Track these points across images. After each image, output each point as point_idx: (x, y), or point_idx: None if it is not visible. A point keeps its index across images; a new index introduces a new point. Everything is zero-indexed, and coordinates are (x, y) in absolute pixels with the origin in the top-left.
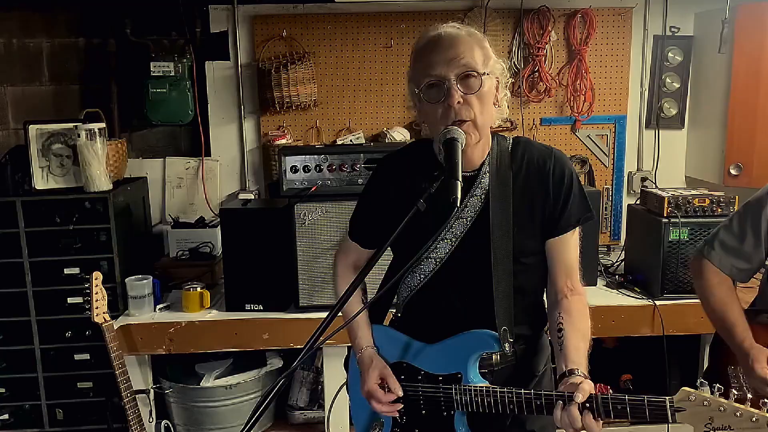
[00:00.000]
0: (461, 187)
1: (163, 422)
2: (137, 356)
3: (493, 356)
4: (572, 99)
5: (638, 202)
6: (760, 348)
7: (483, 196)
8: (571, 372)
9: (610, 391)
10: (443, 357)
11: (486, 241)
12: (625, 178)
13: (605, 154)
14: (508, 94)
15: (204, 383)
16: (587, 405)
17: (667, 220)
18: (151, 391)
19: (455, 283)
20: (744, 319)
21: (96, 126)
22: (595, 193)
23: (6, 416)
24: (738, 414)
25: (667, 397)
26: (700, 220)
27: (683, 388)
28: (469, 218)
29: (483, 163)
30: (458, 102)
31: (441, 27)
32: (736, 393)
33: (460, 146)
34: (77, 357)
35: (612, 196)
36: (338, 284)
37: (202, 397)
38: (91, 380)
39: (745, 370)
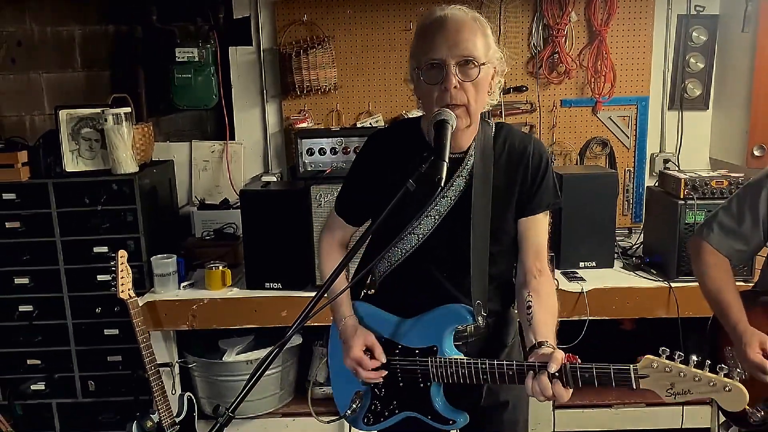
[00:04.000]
0: (447, 168)
1: (186, 394)
2: (163, 331)
3: (468, 328)
4: (593, 80)
5: (657, 184)
6: (753, 331)
7: (468, 177)
8: (541, 344)
9: (579, 360)
10: (419, 331)
11: (467, 220)
12: (648, 160)
13: (627, 136)
14: (502, 82)
15: (226, 358)
16: (556, 374)
17: (683, 201)
18: (176, 365)
19: (435, 259)
20: (739, 302)
21: (122, 110)
22: (611, 175)
23: (42, 386)
24: (696, 379)
25: (632, 365)
26: (718, 201)
27: (646, 356)
28: (453, 197)
29: (470, 146)
30: (455, 87)
31: (448, 8)
32: (695, 359)
33: (450, 128)
34: (107, 332)
35: (634, 178)
36: (324, 263)
37: (224, 372)
38: (120, 354)
39: (737, 353)
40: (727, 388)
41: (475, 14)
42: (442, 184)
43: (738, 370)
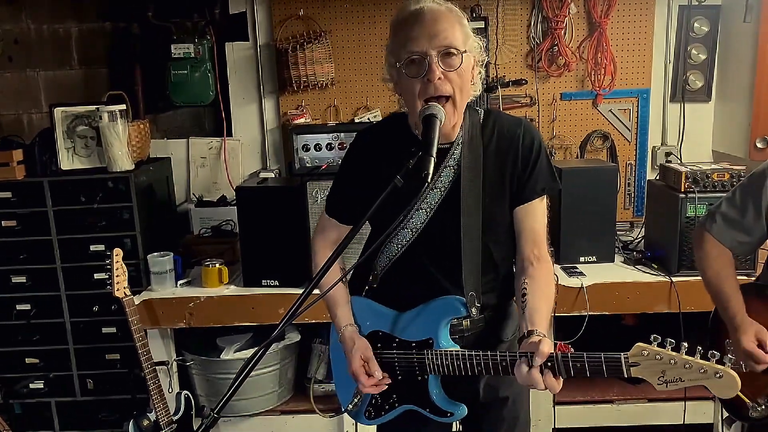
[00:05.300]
0: (434, 163)
1: (183, 393)
2: (160, 330)
3: (464, 322)
4: (593, 73)
5: (658, 177)
6: (750, 322)
7: (456, 167)
8: (531, 333)
9: (571, 349)
10: (415, 324)
11: (457, 211)
12: (649, 153)
13: (628, 129)
14: (483, 72)
15: (223, 356)
16: (548, 364)
17: (684, 195)
18: (174, 363)
19: (429, 252)
20: (739, 294)
21: (117, 108)
22: (612, 169)
23: (41, 385)
24: (687, 366)
25: (623, 353)
26: (719, 195)
27: (637, 344)
28: (443, 189)
29: (457, 136)
30: (439, 78)
31: (423, 1)
32: (686, 345)
33: (438, 123)
34: (105, 330)
35: (635, 171)
36: (318, 266)
37: (222, 369)
38: (118, 352)
39: (733, 343)
40: (718, 375)
41: (449, 5)
42: (429, 180)
43: (729, 356)
